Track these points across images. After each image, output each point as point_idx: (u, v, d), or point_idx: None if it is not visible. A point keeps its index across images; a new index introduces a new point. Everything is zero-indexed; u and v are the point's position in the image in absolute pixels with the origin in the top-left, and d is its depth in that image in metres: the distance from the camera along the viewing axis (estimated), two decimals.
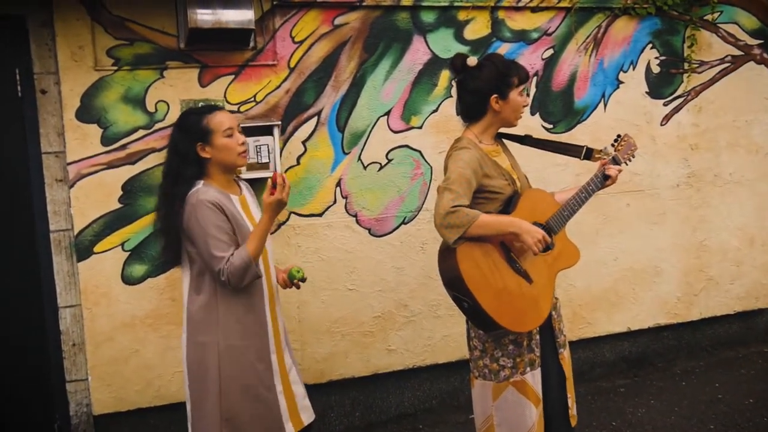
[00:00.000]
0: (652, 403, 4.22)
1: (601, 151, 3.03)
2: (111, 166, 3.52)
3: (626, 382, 4.53)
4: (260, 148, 3.58)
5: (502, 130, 2.96)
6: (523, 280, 2.77)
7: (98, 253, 3.53)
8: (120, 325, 3.59)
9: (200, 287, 2.64)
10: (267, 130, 3.61)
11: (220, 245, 2.54)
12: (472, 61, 2.83)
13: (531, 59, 4.19)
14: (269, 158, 3.59)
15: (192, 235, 2.58)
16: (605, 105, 4.38)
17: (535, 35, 4.19)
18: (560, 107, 4.28)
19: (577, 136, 4.31)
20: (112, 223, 3.54)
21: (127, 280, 3.58)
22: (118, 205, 3.54)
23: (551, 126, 4.27)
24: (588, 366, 4.58)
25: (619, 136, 3.07)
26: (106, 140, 3.51)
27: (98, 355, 3.58)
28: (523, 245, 2.70)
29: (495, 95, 2.80)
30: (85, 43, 3.45)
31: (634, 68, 4.44)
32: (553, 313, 2.99)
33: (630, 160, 3.09)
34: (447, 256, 2.71)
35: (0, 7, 3.38)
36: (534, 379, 2.87)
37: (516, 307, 2.74)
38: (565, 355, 3.00)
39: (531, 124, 4.20)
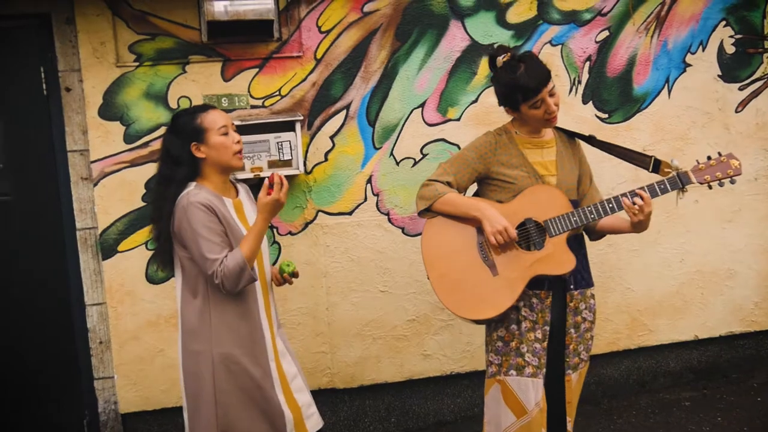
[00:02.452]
0: (719, 421, 3.82)
1: (669, 164, 2.72)
2: (134, 164, 3.48)
3: (693, 395, 4.13)
4: (282, 145, 3.43)
5: (562, 125, 2.93)
6: (486, 270, 2.75)
7: (122, 251, 3.50)
8: (145, 324, 3.56)
9: (193, 292, 2.54)
10: (289, 126, 3.46)
11: (213, 247, 2.43)
12: (500, 62, 2.76)
13: (583, 42, 3.83)
14: (291, 155, 3.44)
15: (183, 238, 2.48)
16: (669, 91, 3.96)
17: (587, 16, 3.82)
18: (616, 95, 3.90)
19: (637, 125, 3.93)
20: (135, 221, 3.49)
21: (151, 279, 3.54)
22: (142, 204, 3.49)
23: (606, 116, 3.90)
24: (650, 376, 4.20)
25: (719, 153, 2.70)
26: (128, 138, 3.46)
27: (124, 354, 3.56)
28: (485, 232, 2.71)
29: (507, 107, 2.83)
30: (106, 39, 3.40)
31: (703, 49, 3.99)
32: (573, 331, 2.81)
33: (718, 185, 2.68)
34: None
35: (25, 5, 3.38)
36: (519, 386, 2.78)
37: (466, 291, 2.76)
38: (573, 378, 2.85)
39: (584, 113, 3.86)
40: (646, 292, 4.06)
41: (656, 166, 2.81)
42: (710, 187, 2.70)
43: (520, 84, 2.67)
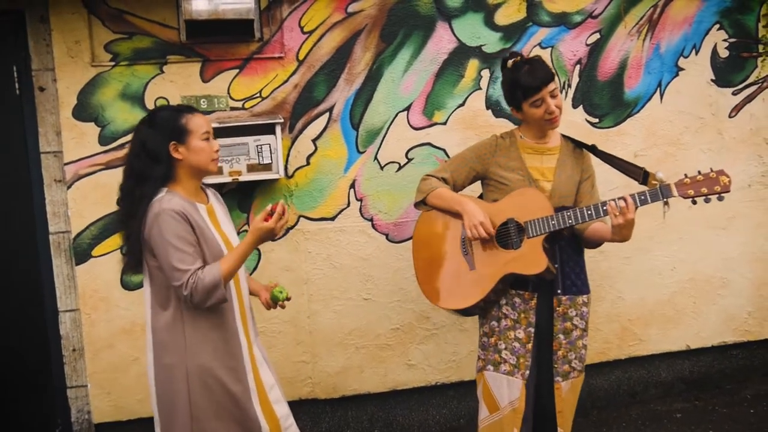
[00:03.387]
0: None
1: (655, 176, 2.66)
2: (109, 166, 3.37)
3: (685, 406, 4.03)
4: (261, 148, 3.33)
5: (564, 132, 3.00)
6: (464, 263, 2.87)
7: (96, 256, 3.40)
8: (119, 331, 3.45)
9: (164, 303, 2.43)
10: (269, 129, 3.36)
11: (184, 257, 2.32)
12: (509, 64, 2.87)
13: (573, 45, 3.73)
14: (271, 159, 3.34)
15: (154, 246, 2.36)
16: (661, 95, 3.87)
17: (577, 18, 3.73)
18: (607, 99, 3.80)
19: (628, 130, 3.83)
20: (110, 225, 3.39)
21: (126, 285, 3.43)
22: (117, 208, 3.37)
23: (597, 120, 3.80)
24: (642, 386, 4.10)
25: (711, 169, 2.62)
26: (103, 139, 3.36)
27: (97, 362, 3.45)
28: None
29: (512, 107, 2.90)
30: (81, 38, 3.30)
31: (696, 53, 3.89)
32: (561, 336, 2.84)
33: (704, 200, 2.62)
34: None
35: None
36: (494, 381, 2.86)
37: (442, 281, 2.92)
38: (562, 386, 2.85)
39: (574, 118, 3.75)
40: (638, 300, 3.96)
41: (645, 177, 2.79)
42: (694, 202, 2.64)
43: (521, 82, 2.76)
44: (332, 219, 3.59)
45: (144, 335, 3.41)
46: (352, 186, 3.60)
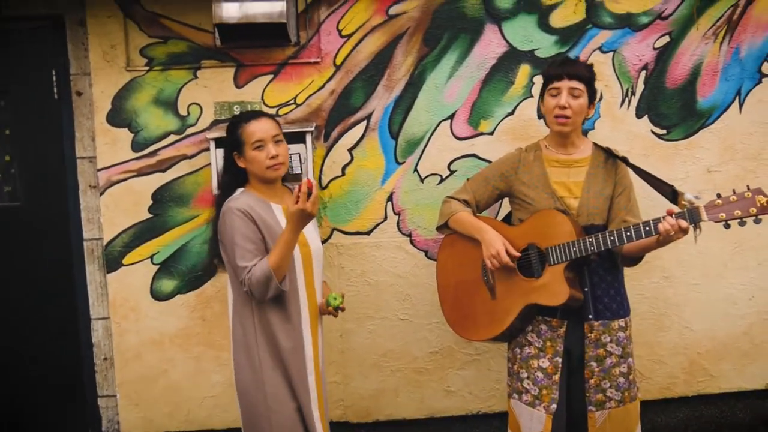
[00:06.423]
0: None
1: (684, 197, 2.40)
2: (141, 173, 3.31)
3: None
4: (291, 158, 3.16)
5: (612, 141, 2.93)
6: (486, 292, 2.72)
7: (127, 265, 3.34)
8: (148, 342, 3.38)
9: (238, 286, 2.51)
10: (300, 138, 3.20)
11: (245, 254, 2.42)
12: None
13: (638, 49, 3.38)
14: (301, 169, 3.18)
15: (222, 243, 2.51)
16: (741, 105, 3.45)
17: (644, 19, 3.38)
18: (677, 108, 3.42)
19: (700, 143, 3.44)
20: (141, 234, 3.33)
21: (156, 295, 3.36)
22: (148, 215, 3.32)
23: (664, 132, 3.43)
24: (714, 427, 3.68)
25: (748, 187, 2.31)
26: (136, 145, 3.30)
27: (126, 373, 3.40)
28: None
29: (540, 99, 2.75)
30: (117, 42, 3.25)
31: None
32: (594, 364, 2.61)
33: (738, 223, 2.30)
34: None
35: (38, 6, 3.28)
36: (519, 410, 2.70)
37: (464, 309, 2.79)
38: (597, 416, 2.62)
39: (637, 129, 3.41)
40: (708, 332, 3.56)
41: (675, 197, 2.52)
42: (727, 226, 2.32)
43: (550, 67, 2.69)
44: (368, 233, 3.40)
45: (173, 347, 3.42)
46: (390, 199, 3.39)
